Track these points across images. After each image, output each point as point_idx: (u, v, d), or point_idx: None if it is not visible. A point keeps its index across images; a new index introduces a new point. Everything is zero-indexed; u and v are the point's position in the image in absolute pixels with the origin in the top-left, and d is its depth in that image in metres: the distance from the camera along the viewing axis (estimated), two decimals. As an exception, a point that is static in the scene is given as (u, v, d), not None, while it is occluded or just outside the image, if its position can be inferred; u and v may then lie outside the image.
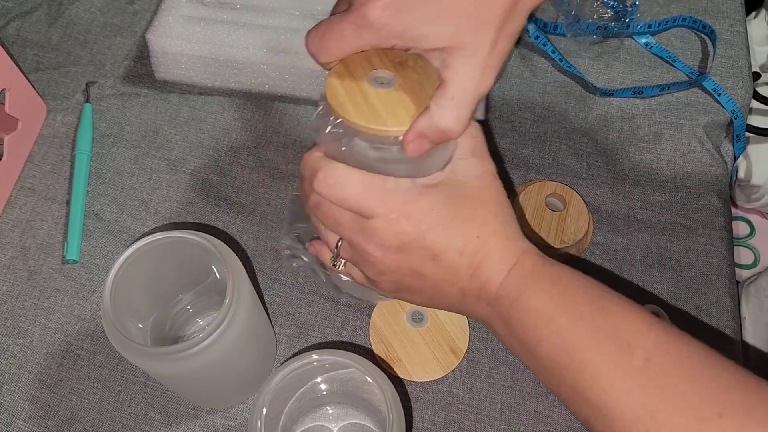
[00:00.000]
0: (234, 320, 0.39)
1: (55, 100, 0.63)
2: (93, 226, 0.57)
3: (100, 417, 0.50)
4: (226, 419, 0.50)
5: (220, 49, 0.60)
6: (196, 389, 0.47)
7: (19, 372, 0.51)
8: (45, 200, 0.58)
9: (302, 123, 0.62)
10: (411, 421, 0.50)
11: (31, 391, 0.51)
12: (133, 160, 0.60)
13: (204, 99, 0.63)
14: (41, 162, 0.60)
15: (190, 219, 0.57)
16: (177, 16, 0.61)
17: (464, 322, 0.52)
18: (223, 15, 0.61)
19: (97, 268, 0.55)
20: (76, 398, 0.51)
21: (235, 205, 0.58)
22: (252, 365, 0.48)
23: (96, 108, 0.63)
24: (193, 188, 0.59)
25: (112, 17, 0.68)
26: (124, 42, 0.67)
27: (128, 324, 0.42)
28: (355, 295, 0.49)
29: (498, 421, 0.50)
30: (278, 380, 0.41)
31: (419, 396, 0.50)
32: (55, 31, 0.67)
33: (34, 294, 0.54)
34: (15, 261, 0.56)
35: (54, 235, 0.57)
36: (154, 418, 0.50)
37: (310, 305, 0.54)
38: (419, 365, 0.51)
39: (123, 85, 0.64)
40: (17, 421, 0.50)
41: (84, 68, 0.65)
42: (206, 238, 0.41)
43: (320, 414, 0.49)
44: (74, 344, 0.52)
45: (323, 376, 0.46)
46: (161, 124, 0.62)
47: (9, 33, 0.67)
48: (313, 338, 0.53)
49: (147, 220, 0.57)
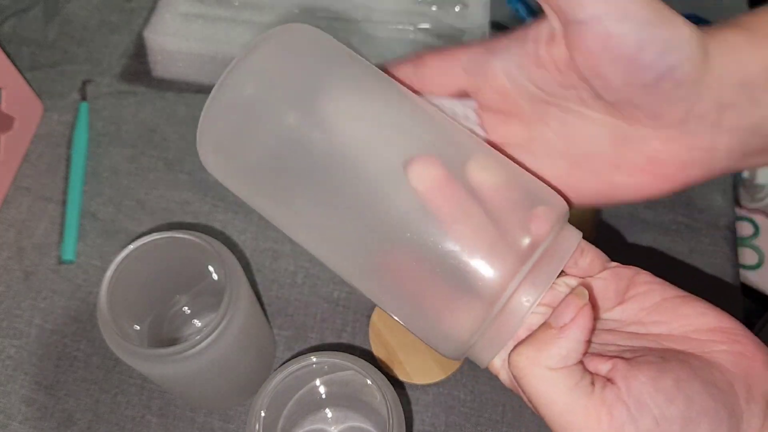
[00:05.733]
0: (232, 322, 0.39)
1: (51, 98, 0.63)
2: (89, 226, 0.57)
3: (97, 419, 0.49)
4: (224, 422, 0.49)
5: (218, 47, 0.59)
6: (193, 391, 0.47)
7: (15, 374, 0.51)
8: (41, 200, 0.58)
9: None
10: (411, 424, 0.49)
11: (27, 393, 0.50)
12: (130, 159, 0.60)
13: (201, 97, 0.62)
14: (37, 161, 0.60)
15: (188, 219, 0.57)
16: (175, 13, 0.61)
17: (465, 323, 0.51)
18: (221, 12, 0.61)
19: (94, 268, 0.55)
20: (73, 400, 0.50)
21: (232, 205, 0.57)
22: (250, 367, 0.48)
23: (92, 106, 0.62)
24: (191, 188, 0.58)
25: (109, 15, 0.68)
26: (121, 40, 0.66)
27: (125, 325, 0.42)
28: None
29: (500, 424, 0.49)
30: (277, 382, 0.40)
31: (420, 398, 0.50)
32: (52, 29, 0.67)
33: (30, 295, 0.54)
34: (10, 261, 0.55)
35: (50, 235, 0.56)
36: (151, 421, 0.49)
37: (309, 307, 0.53)
38: (420, 367, 0.50)
39: (120, 84, 0.64)
40: (13, 423, 0.49)
41: (80, 66, 0.65)
42: (204, 239, 0.41)
43: (319, 417, 0.48)
44: (70, 346, 0.52)
45: (322, 379, 0.46)
46: (158, 122, 0.62)
47: (5, 31, 0.67)
48: (312, 340, 0.52)
49: (144, 220, 0.57)
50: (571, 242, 0.27)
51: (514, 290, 0.26)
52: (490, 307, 0.26)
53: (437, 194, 0.26)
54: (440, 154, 0.27)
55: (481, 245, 0.26)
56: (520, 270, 0.25)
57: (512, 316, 0.26)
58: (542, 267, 0.26)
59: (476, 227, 0.26)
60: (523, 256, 0.25)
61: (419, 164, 0.26)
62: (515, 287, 0.26)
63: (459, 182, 0.26)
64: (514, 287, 0.25)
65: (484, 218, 0.26)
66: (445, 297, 0.27)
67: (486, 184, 0.27)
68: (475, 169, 0.27)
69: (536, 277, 0.26)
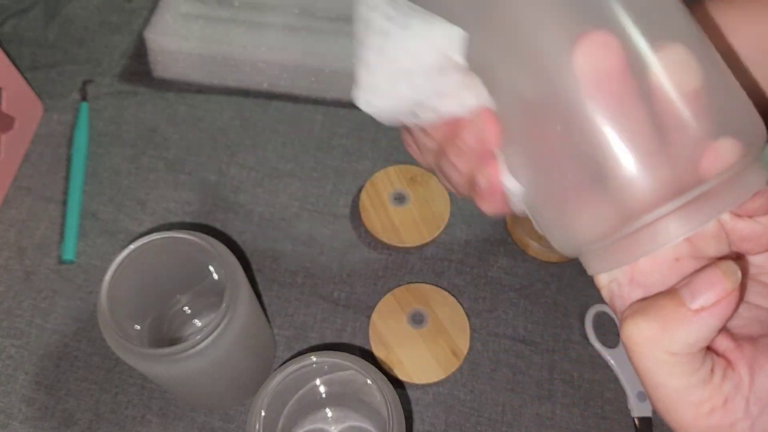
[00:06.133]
0: (232, 321, 0.39)
1: (51, 98, 0.63)
2: (90, 226, 0.57)
3: (97, 419, 0.49)
4: (224, 421, 0.49)
5: (219, 47, 0.59)
6: (193, 391, 0.47)
7: (16, 373, 0.51)
8: (41, 200, 0.58)
9: (301, 122, 0.62)
10: (411, 424, 0.49)
11: (28, 393, 0.50)
12: (131, 159, 0.60)
13: (202, 97, 0.62)
14: (37, 161, 0.60)
15: (188, 219, 0.57)
16: (175, 13, 0.61)
17: (465, 324, 0.51)
18: (222, 12, 0.61)
19: (94, 268, 0.55)
20: (73, 400, 0.50)
21: (233, 205, 0.57)
22: (250, 367, 0.48)
23: (93, 107, 0.62)
24: (191, 188, 0.58)
25: (110, 15, 0.68)
26: (121, 40, 0.66)
27: (125, 325, 0.42)
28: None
29: (499, 424, 0.49)
30: (277, 382, 0.40)
31: (420, 398, 0.50)
32: (52, 29, 0.67)
33: (30, 294, 0.54)
34: (11, 261, 0.55)
35: (50, 235, 0.56)
36: (152, 420, 0.49)
37: (309, 306, 0.53)
38: (420, 367, 0.50)
39: (120, 84, 0.64)
40: (13, 423, 0.49)
41: (81, 66, 0.65)
42: (204, 239, 0.41)
43: (319, 416, 0.48)
44: (71, 345, 0.52)
45: (322, 378, 0.46)
46: (159, 122, 0.62)
47: (5, 31, 0.67)
48: (312, 340, 0.52)
49: (144, 220, 0.57)
50: (749, 185, 0.22)
51: (662, 216, 0.22)
52: (629, 222, 0.22)
53: (604, 88, 0.21)
54: (623, 30, 0.22)
55: (644, 153, 0.21)
56: (676, 199, 0.21)
57: (647, 242, 0.22)
58: (703, 204, 0.22)
59: (645, 134, 0.21)
60: (683, 185, 0.21)
61: (589, 44, 0.21)
62: (665, 213, 0.22)
63: (635, 80, 0.21)
64: (663, 213, 0.22)
65: (653, 128, 0.21)
66: (585, 190, 0.23)
67: (676, 86, 0.21)
68: (666, 64, 0.22)
69: (692, 212, 0.22)
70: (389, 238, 0.54)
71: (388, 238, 0.54)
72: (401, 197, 0.56)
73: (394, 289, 0.53)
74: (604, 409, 0.50)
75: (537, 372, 0.51)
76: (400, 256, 0.55)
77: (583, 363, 0.51)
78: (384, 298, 0.52)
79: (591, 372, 0.51)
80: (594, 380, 0.51)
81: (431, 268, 0.55)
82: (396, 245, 0.54)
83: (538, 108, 0.23)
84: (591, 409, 0.50)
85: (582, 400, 0.50)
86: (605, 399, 0.50)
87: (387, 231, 0.55)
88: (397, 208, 0.55)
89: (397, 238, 0.54)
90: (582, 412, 0.50)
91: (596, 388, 0.50)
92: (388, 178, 0.56)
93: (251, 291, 0.43)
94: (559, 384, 0.50)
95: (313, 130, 0.61)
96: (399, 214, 0.55)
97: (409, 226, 0.55)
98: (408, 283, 0.54)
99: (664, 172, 0.21)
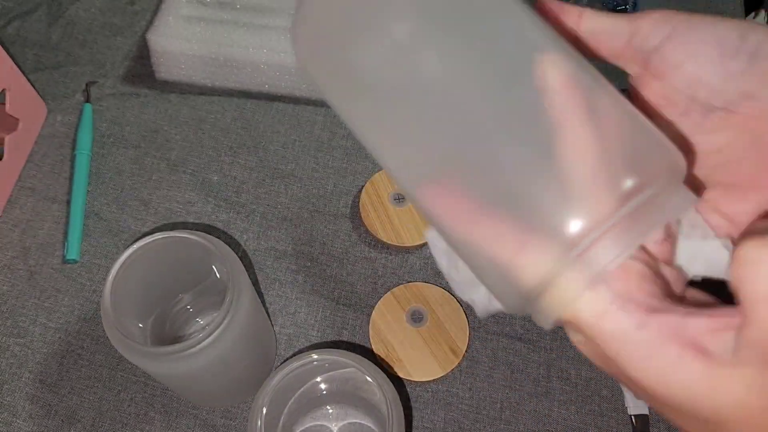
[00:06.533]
0: (234, 320, 0.39)
1: (55, 100, 0.63)
2: (93, 225, 0.57)
3: (101, 416, 0.50)
4: (226, 419, 0.50)
5: (220, 49, 0.60)
6: (196, 389, 0.47)
7: (20, 371, 0.51)
8: (45, 200, 0.58)
9: (301, 123, 0.62)
10: (411, 421, 0.50)
11: (32, 391, 0.51)
12: (134, 160, 0.60)
13: (204, 99, 0.63)
14: (41, 162, 0.60)
15: (191, 219, 0.57)
16: (177, 16, 0.61)
17: (464, 322, 0.52)
18: (224, 15, 0.61)
19: (98, 267, 0.55)
20: (77, 398, 0.51)
21: (235, 205, 0.58)
22: (252, 365, 0.48)
23: (96, 108, 0.63)
24: (193, 188, 0.59)
25: (112, 17, 0.68)
26: (124, 42, 0.67)
27: (128, 324, 0.42)
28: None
29: (498, 421, 0.50)
30: (278, 380, 0.41)
31: (419, 395, 0.50)
32: (55, 31, 0.67)
33: (34, 294, 0.54)
34: (15, 261, 0.56)
35: (54, 234, 0.57)
36: (155, 418, 0.50)
37: (310, 305, 0.54)
38: (419, 365, 0.51)
39: (123, 85, 0.64)
40: (17, 421, 0.50)
41: (84, 68, 0.65)
42: (206, 238, 0.41)
43: (320, 413, 0.49)
44: (74, 344, 0.52)
45: (323, 376, 0.46)
46: (161, 124, 0.62)
47: (9, 33, 0.67)
48: (313, 338, 0.53)
49: (147, 220, 0.57)
50: (678, 204, 0.22)
51: (593, 241, 0.21)
52: (567, 252, 0.21)
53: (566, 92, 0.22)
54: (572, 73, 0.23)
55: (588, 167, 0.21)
56: (613, 215, 0.21)
57: (586, 270, 0.21)
58: (632, 224, 0.21)
59: (591, 146, 0.21)
60: (619, 198, 0.21)
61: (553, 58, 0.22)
62: (597, 236, 0.21)
63: (586, 92, 0.22)
64: (596, 235, 0.21)
65: (596, 142, 0.21)
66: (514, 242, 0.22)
67: (603, 117, 0.22)
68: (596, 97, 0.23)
69: (622, 234, 0.21)
70: (389, 238, 0.55)
71: (388, 238, 0.55)
72: (401, 197, 0.56)
73: (393, 288, 0.53)
74: (601, 407, 0.50)
75: (535, 370, 0.51)
76: (400, 255, 0.56)
77: (581, 361, 0.51)
78: (384, 297, 0.53)
79: (588, 370, 0.51)
80: (591, 378, 0.51)
81: (431, 267, 0.55)
82: (396, 245, 0.55)
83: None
84: (588, 406, 0.50)
85: (579, 397, 0.50)
86: (602, 396, 0.51)
87: (387, 231, 0.55)
88: (397, 208, 0.56)
89: (397, 238, 0.55)
90: (579, 410, 0.50)
91: (593, 385, 0.51)
92: (388, 178, 0.57)
93: (253, 290, 0.43)
94: (556, 382, 0.51)
95: (313, 131, 0.62)
96: (399, 214, 0.56)
97: (409, 226, 0.55)
98: (408, 282, 0.54)
99: (606, 185, 0.21)
